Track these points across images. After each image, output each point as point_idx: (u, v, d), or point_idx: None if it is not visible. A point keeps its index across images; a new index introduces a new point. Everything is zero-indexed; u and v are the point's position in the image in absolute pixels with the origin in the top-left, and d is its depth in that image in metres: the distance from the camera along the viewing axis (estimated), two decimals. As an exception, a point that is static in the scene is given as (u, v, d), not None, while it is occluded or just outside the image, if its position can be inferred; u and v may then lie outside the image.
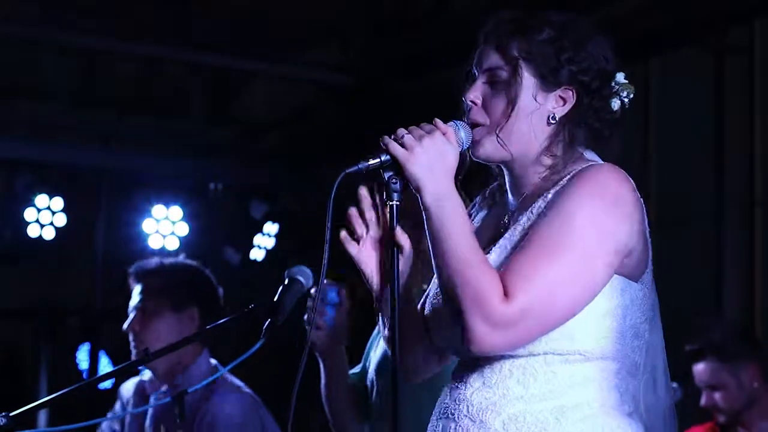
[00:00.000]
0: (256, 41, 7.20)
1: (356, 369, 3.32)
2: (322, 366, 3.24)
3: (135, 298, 3.79)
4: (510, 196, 2.30)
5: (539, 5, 2.32)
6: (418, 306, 2.38)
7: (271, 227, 7.41)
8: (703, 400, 4.37)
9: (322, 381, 3.24)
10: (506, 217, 2.29)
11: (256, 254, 7.40)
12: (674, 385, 3.96)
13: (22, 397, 8.27)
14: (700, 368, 4.38)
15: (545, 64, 2.20)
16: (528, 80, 2.21)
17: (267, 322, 2.54)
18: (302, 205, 7.64)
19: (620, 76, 2.26)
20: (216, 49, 7.31)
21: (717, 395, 4.35)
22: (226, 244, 7.37)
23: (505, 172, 2.30)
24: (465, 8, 6.52)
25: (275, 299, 2.60)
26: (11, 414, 2.48)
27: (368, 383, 3.26)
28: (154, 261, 3.87)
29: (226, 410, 3.61)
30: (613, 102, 2.25)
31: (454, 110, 2.28)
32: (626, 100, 2.25)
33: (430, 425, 2.25)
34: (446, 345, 2.27)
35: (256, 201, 7.38)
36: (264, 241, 7.41)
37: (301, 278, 2.70)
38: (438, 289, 2.26)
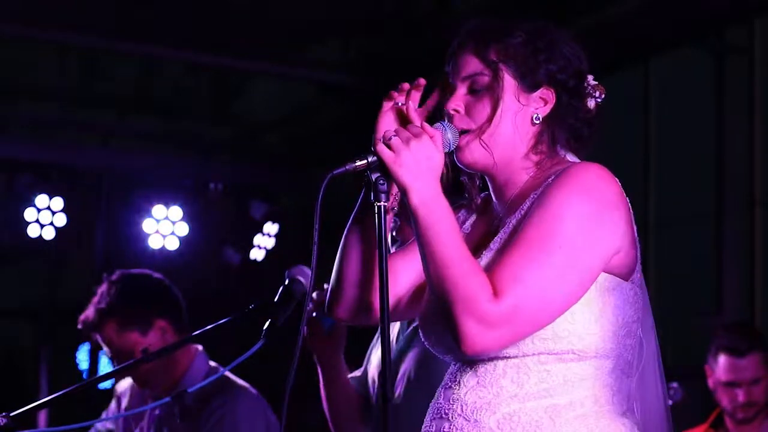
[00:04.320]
0: (256, 41, 7.20)
1: (357, 373, 3.29)
2: (320, 373, 3.21)
3: (109, 344, 3.76)
4: (496, 202, 2.32)
5: (537, 7, 2.33)
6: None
7: (271, 227, 7.40)
8: (741, 397, 4.25)
9: (322, 388, 3.22)
10: (495, 223, 2.30)
11: (256, 254, 7.39)
12: (674, 385, 3.94)
13: (22, 397, 8.27)
14: (744, 363, 4.27)
15: (524, 65, 2.23)
16: (509, 82, 2.24)
17: (267, 323, 2.54)
18: (302, 205, 7.64)
19: (590, 78, 2.29)
20: (216, 49, 7.31)
21: (757, 389, 4.27)
22: (226, 244, 7.36)
23: (489, 181, 2.31)
24: (465, 9, 6.52)
25: (275, 300, 2.60)
26: (11, 414, 2.48)
27: (369, 382, 3.23)
28: (100, 302, 3.79)
29: (233, 410, 3.61)
30: (588, 101, 2.28)
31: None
32: (599, 100, 2.29)
33: (423, 426, 2.26)
34: (440, 347, 2.27)
35: (256, 201, 7.38)
36: (264, 241, 7.40)
37: (301, 278, 2.70)
38: (429, 293, 2.26)
